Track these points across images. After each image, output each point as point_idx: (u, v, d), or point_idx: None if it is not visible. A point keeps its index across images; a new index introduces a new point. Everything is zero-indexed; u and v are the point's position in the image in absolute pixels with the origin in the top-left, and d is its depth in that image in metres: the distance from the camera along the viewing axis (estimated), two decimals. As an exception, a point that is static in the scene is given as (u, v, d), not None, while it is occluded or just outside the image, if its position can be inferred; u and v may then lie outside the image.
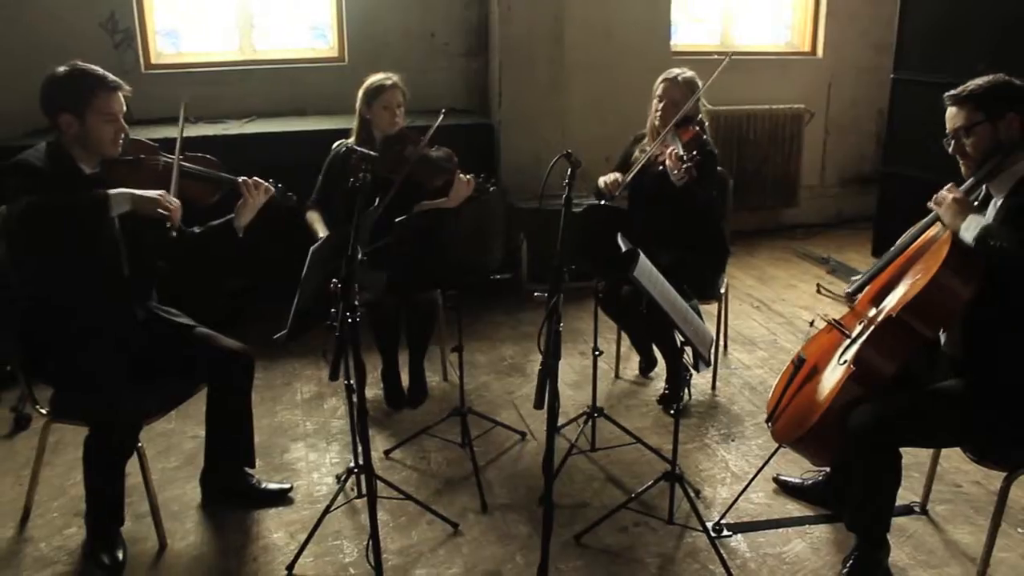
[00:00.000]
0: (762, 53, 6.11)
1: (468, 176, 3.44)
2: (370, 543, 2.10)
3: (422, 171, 3.39)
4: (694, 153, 3.16)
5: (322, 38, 5.29)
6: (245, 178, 2.79)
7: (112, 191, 2.44)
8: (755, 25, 6.14)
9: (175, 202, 2.54)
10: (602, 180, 3.53)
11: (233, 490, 2.94)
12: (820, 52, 6.15)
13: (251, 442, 2.96)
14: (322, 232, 3.46)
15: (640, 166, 3.40)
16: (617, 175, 3.50)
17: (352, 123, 3.65)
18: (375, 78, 3.58)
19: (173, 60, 5.05)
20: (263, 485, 2.98)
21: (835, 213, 6.50)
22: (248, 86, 5.00)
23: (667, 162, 3.22)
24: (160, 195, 2.50)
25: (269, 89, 5.03)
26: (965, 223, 2.28)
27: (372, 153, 2.43)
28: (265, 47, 5.18)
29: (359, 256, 1.94)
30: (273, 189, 2.85)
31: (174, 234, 2.55)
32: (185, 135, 2.83)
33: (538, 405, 1.72)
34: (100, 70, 2.55)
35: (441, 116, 3.37)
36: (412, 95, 3.69)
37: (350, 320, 1.90)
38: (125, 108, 2.61)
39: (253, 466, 2.98)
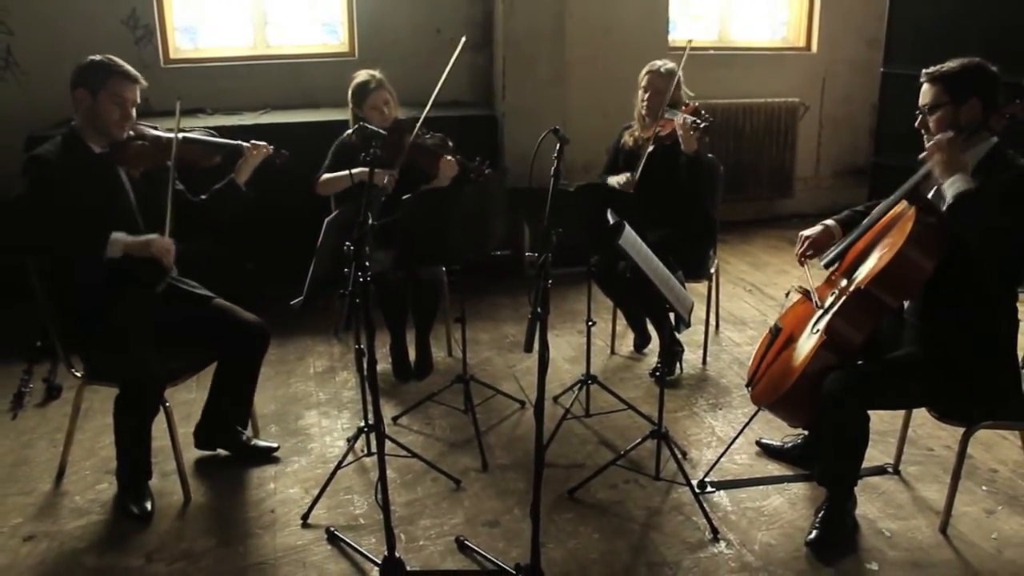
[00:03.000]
0: (758, 48, 6.32)
1: (452, 157, 3.65)
2: (379, 485, 2.30)
3: (420, 157, 3.62)
4: (704, 114, 3.49)
5: (333, 34, 5.52)
6: (243, 142, 3.11)
7: (113, 236, 2.70)
8: (751, 21, 6.33)
9: (167, 243, 2.79)
10: (614, 181, 3.77)
11: (223, 443, 3.16)
12: (815, 47, 6.34)
13: (249, 407, 3.18)
14: (340, 174, 3.69)
15: (647, 155, 3.65)
16: (626, 175, 3.73)
17: None
18: (359, 79, 3.78)
19: (191, 55, 5.28)
20: (252, 442, 3.21)
21: (830, 204, 6.65)
22: (262, 80, 5.24)
23: (679, 132, 3.52)
24: (152, 240, 2.77)
25: (282, 82, 5.27)
26: (952, 178, 2.38)
27: (382, 131, 2.64)
28: (279, 42, 5.41)
29: (370, 222, 2.15)
30: (269, 149, 3.14)
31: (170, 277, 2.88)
32: (204, 126, 3.09)
33: (527, 349, 1.93)
34: (127, 65, 2.83)
35: (456, 49, 3.57)
36: (418, 88, 3.90)
37: (361, 279, 2.12)
38: (138, 100, 2.86)
39: (245, 427, 3.20)
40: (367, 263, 2.14)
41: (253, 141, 3.11)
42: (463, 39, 3.60)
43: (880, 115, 5.86)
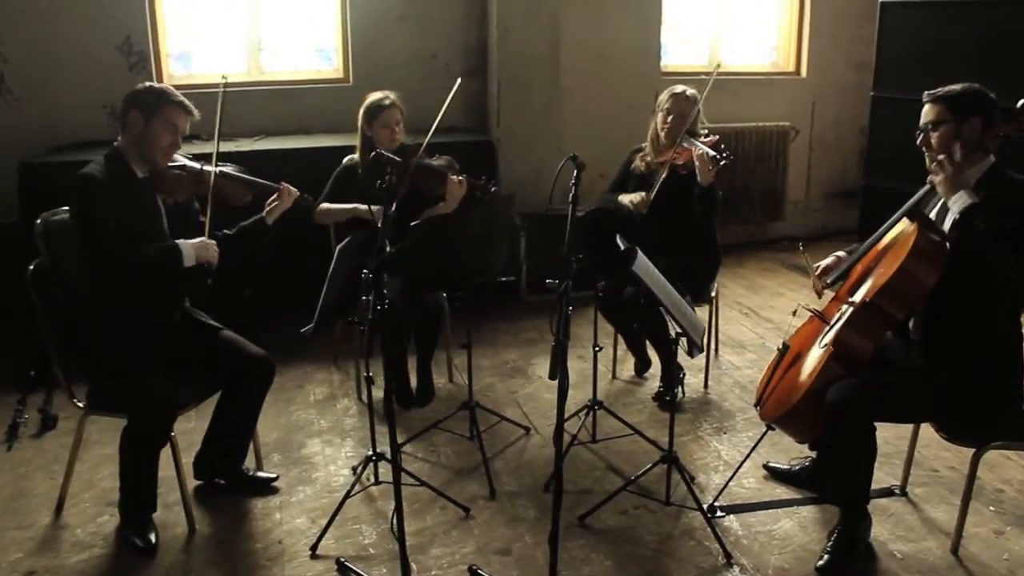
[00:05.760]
0: (749, 73, 6.39)
1: (460, 177, 3.66)
2: (394, 516, 2.27)
3: (425, 179, 3.63)
4: (725, 154, 3.51)
5: (327, 60, 5.53)
6: (283, 183, 3.13)
7: (181, 244, 2.80)
8: (742, 46, 6.41)
9: (213, 244, 2.90)
10: (627, 200, 3.77)
11: (223, 474, 3.12)
12: (804, 72, 6.43)
13: (248, 441, 3.13)
14: (341, 207, 3.72)
15: (662, 179, 3.66)
16: (641, 193, 3.74)
17: (355, 140, 3.88)
18: (373, 97, 3.80)
19: (184, 81, 5.25)
20: (251, 473, 3.17)
21: (820, 226, 6.74)
22: (257, 106, 5.21)
23: (697, 164, 3.54)
24: (208, 245, 2.87)
25: (277, 108, 5.26)
26: (956, 196, 2.47)
27: (396, 158, 2.64)
28: (273, 68, 5.41)
29: (387, 249, 2.15)
30: (299, 193, 3.17)
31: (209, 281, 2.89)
32: (198, 152, 3.09)
33: (552, 376, 1.93)
34: (181, 95, 2.87)
35: (456, 86, 3.60)
36: (414, 114, 3.91)
37: (379, 308, 2.10)
38: (187, 132, 2.90)
39: (244, 459, 3.15)
40: (385, 291, 2.14)
41: (289, 186, 3.14)
42: (458, 81, 3.59)
43: (869, 138, 5.93)
